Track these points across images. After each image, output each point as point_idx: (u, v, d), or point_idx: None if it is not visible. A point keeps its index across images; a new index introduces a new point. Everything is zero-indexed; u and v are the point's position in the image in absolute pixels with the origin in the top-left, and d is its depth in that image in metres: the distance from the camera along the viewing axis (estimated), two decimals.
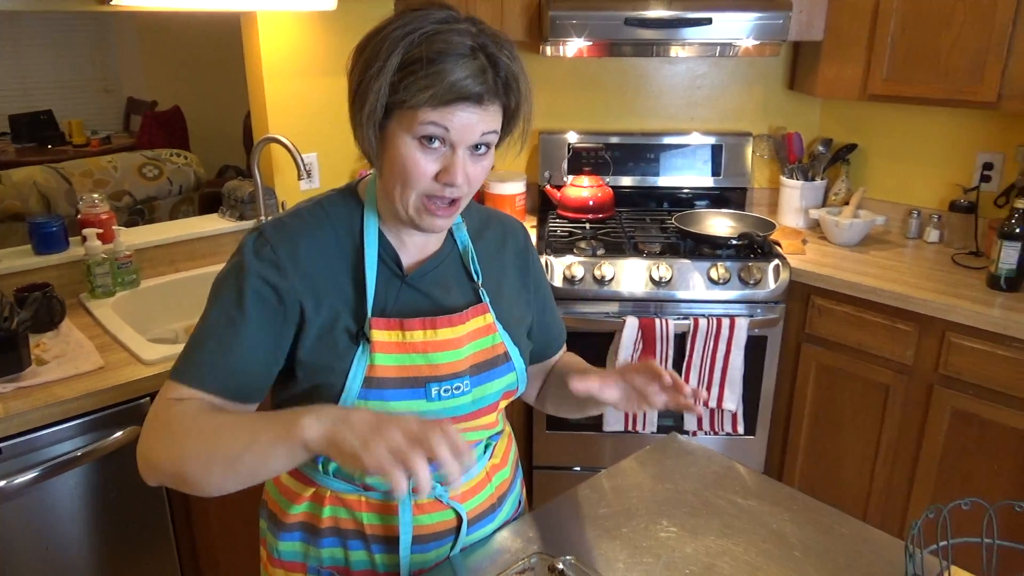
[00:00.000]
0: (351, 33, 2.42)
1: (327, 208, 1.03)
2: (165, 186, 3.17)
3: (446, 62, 0.86)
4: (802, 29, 2.45)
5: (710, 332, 2.28)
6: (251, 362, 0.96)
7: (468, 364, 1.03)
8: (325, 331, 0.98)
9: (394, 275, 1.02)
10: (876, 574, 1.05)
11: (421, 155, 0.91)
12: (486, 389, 1.04)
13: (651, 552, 1.10)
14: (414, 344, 0.99)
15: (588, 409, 1.20)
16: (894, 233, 2.70)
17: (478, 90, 0.88)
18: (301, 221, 1.01)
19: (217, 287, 1.00)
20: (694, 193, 2.87)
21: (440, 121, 0.88)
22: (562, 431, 2.49)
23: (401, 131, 0.90)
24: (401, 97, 0.88)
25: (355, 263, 1.00)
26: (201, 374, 0.95)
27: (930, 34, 2.22)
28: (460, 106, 0.88)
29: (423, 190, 0.93)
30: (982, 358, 2.01)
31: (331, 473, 1.05)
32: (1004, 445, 2.02)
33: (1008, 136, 2.42)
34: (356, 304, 0.99)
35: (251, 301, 0.95)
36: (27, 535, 1.58)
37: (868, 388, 2.27)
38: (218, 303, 0.98)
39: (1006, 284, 2.12)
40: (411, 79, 0.87)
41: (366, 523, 1.05)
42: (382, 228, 1.02)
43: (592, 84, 2.85)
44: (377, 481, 1.03)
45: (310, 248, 0.99)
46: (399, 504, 1.04)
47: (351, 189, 1.06)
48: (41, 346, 1.75)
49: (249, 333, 0.95)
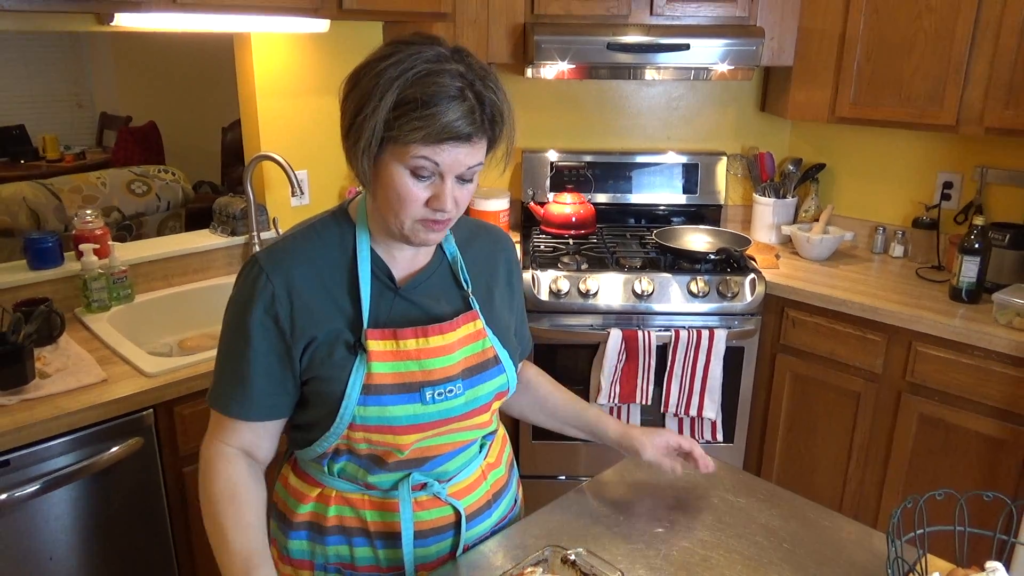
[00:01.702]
0: (342, 55, 2.53)
1: (319, 230, 1.09)
2: (154, 202, 3.20)
3: (438, 104, 0.93)
4: (774, 55, 2.58)
5: (690, 343, 2.37)
6: (270, 387, 1.06)
7: (460, 368, 1.09)
8: (325, 345, 1.05)
9: (387, 288, 1.09)
10: (859, 561, 1.14)
11: (413, 185, 0.98)
12: (478, 391, 1.11)
13: (651, 546, 1.17)
14: (408, 352, 1.06)
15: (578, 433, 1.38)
16: (861, 248, 2.83)
17: (468, 131, 0.95)
18: (295, 246, 1.08)
19: (227, 319, 1.08)
20: (670, 210, 2.98)
21: (431, 156, 0.96)
22: (548, 440, 2.56)
23: (394, 162, 0.97)
24: (395, 134, 0.95)
25: (349, 279, 1.07)
26: (228, 404, 1.08)
27: (894, 61, 2.36)
28: (450, 144, 0.95)
29: (416, 216, 1.00)
30: (946, 366, 2.13)
31: (336, 474, 1.11)
32: (968, 447, 2.14)
33: (966, 157, 2.57)
34: (352, 317, 1.06)
35: (256, 334, 1.04)
36: (32, 545, 1.60)
37: (840, 396, 2.38)
38: (230, 336, 1.07)
39: (967, 296, 2.25)
40: (405, 119, 0.94)
41: (369, 520, 1.11)
42: (373, 245, 1.09)
43: (573, 105, 2.95)
44: (380, 479, 1.10)
45: (305, 272, 1.05)
46: (400, 501, 1.10)
47: (342, 210, 1.13)
48: (42, 360, 1.78)
49: (260, 363, 1.05)
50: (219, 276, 2.40)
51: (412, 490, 1.11)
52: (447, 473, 1.14)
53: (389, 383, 1.04)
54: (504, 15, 2.50)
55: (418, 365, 1.06)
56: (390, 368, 1.05)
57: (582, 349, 2.44)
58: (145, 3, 1.75)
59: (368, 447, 1.06)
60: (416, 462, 1.10)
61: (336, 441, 1.06)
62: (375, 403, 1.04)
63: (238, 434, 1.08)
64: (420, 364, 1.06)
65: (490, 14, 2.49)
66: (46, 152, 5.42)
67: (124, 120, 6.04)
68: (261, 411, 1.07)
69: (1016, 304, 2.07)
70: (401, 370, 1.05)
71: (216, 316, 2.24)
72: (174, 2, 1.78)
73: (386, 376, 1.04)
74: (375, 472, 1.10)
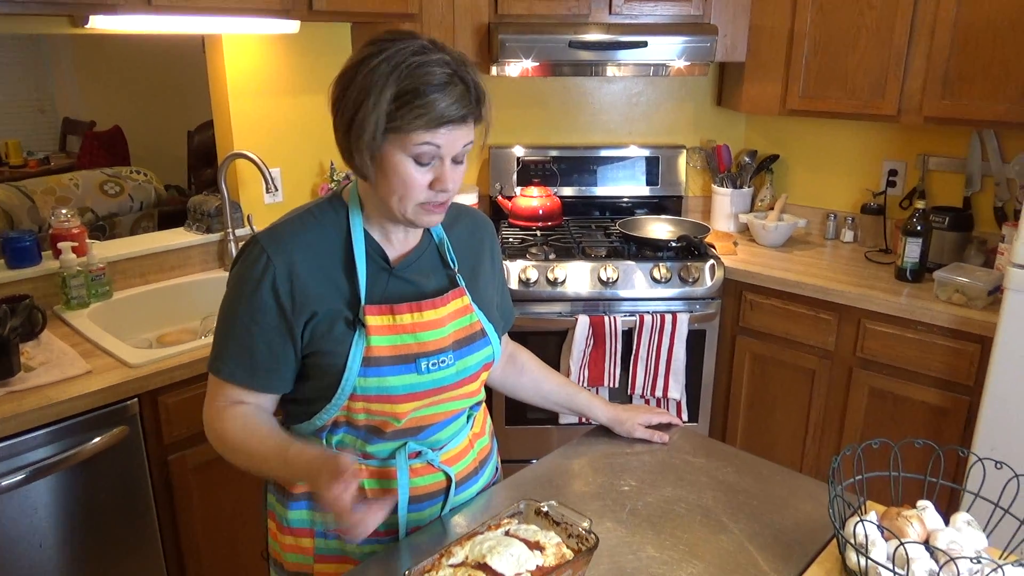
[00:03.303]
0: (312, 55, 2.60)
1: (316, 214, 1.17)
2: (127, 202, 3.22)
3: (434, 92, 1.02)
4: (727, 51, 2.71)
5: (654, 327, 2.48)
6: (267, 360, 1.13)
7: (451, 340, 1.18)
8: (325, 321, 1.12)
9: (381, 268, 1.17)
10: (806, 508, 1.25)
11: (416, 171, 1.07)
12: (467, 362, 1.20)
13: (617, 502, 1.27)
14: (404, 325, 1.14)
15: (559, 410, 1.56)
16: (814, 234, 2.97)
17: (463, 112, 1.05)
18: (293, 227, 1.15)
19: (230, 292, 1.15)
20: (633, 202, 3.09)
21: (432, 140, 1.05)
22: (520, 426, 2.65)
23: (396, 151, 1.06)
24: (397, 124, 1.03)
25: (346, 259, 1.15)
26: (232, 372, 1.14)
27: (838, 56, 2.50)
28: (448, 127, 1.05)
29: (419, 199, 1.09)
30: (893, 341, 2.27)
31: (334, 446, 1.19)
32: (915, 416, 2.28)
33: (909, 145, 2.72)
34: (350, 295, 1.14)
35: (259, 309, 1.11)
36: (22, 532, 1.65)
37: (796, 373, 2.51)
38: (233, 310, 1.13)
39: (911, 276, 2.40)
40: (405, 109, 1.02)
41: (367, 488, 1.19)
42: (367, 228, 1.17)
43: (537, 102, 3.05)
44: (377, 449, 1.18)
45: (303, 251, 1.13)
46: (397, 469, 1.18)
47: (337, 196, 1.20)
48: (26, 354, 1.82)
49: (263, 337, 1.12)
50: (195, 273, 2.45)
51: (408, 458, 1.20)
52: (440, 441, 1.23)
53: (387, 355, 1.13)
54: (469, 15, 2.59)
55: (413, 338, 1.14)
56: (388, 341, 1.13)
57: (551, 336, 2.53)
58: (120, 5, 1.80)
59: (367, 417, 1.14)
60: (412, 431, 1.18)
61: (336, 413, 1.14)
62: (375, 374, 1.12)
63: (239, 397, 1.15)
64: (415, 337, 1.14)
65: (456, 14, 2.57)
66: (9, 158, 5.37)
67: (88, 125, 6.00)
68: (264, 382, 1.14)
69: (955, 281, 2.21)
70: (397, 343, 1.13)
71: (193, 312, 2.32)
72: (149, 4, 1.84)
73: (384, 349, 1.12)
74: (373, 442, 1.18)
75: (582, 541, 1.03)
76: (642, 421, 1.46)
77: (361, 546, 1.20)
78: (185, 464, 1.89)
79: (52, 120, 6.43)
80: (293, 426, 1.22)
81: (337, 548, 1.22)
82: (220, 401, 1.15)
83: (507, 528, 1.04)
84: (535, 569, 0.96)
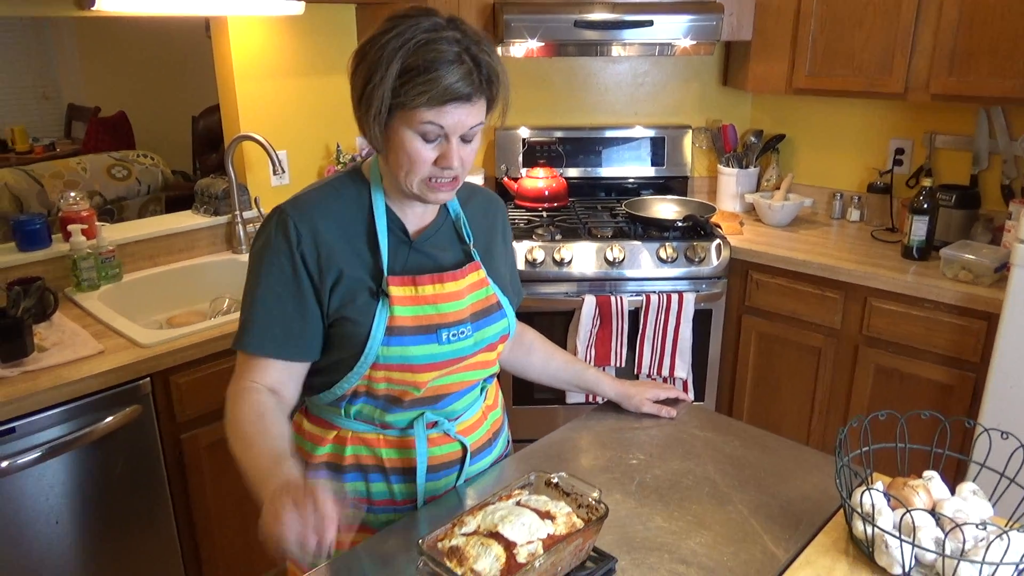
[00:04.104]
0: (318, 36, 2.60)
1: (338, 187, 1.19)
2: (134, 186, 3.24)
3: (439, 69, 1.03)
4: (733, 30, 2.70)
5: (661, 307, 2.49)
6: (299, 327, 1.14)
7: (469, 312, 1.20)
8: (349, 291, 1.14)
9: (401, 241, 1.19)
10: (812, 480, 1.26)
11: (421, 147, 1.08)
12: (484, 333, 1.22)
13: (626, 475, 1.28)
14: (425, 297, 1.16)
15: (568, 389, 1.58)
16: (820, 214, 2.97)
17: (468, 91, 1.05)
18: (317, 198, 1.17)
19: (254, 264, 1.15)
20: (639, 182, 3.09)
21: (436, 120, 1.05)
22: (526, 405, 2.67)
23: (403, 127, 1.07)
24: (402, 100, 1.04)
25: (368, 232, 1.16)
26: (262, 344, 1.14)
27: (845, 33, 2.48)
28: (453, 105, 1.05)
29: (425, 175, 1.10)
30: (899, 319, 2.28)
31: (352, 416, 1.21)
32: (920, 394, 2.28)
33: (916, 124, 2.71)
34: (372, 266, 1.16)
35: (287, 276, 1.12)
36: (38, 509, 1.68)
37: (802, 352, 2.52)
38: (258, 280, 1.14)
39: (918, 253, 2.40)
40: (410, 85, 1.03)
41: (385, 457, 1.21)
42: (387, 202, 1.19)
43: (542, 82, 3.04)
44: (396, 418, 1.20)
45: (327, 221, 1.14)
46: (415, 438, 1.20)
47: (356, 170, 1.22)
48: (38, 335, 1.84)
49: (291, 303, 1.13)
50: (203, 255, 2.46)
51: (426, 427, 1.21)
52: (455, 412, 1.25)
53: (410, 325, 1.14)
54: None
55: (434, 309, 1.16)
56: (410, 312, 1.14)
57: (558, 316, 2.54)
58: None
59: (387, 387, 1.16)
60: (429, 400, 1.20)
61: (357, 382, 1.16)
62: (398, 343, 1.13)
63: (267, 372, 1.15)
64: (436, 308, 1.16)
65: None
66: (15, 144, 5.38)
67: (92, 111, 6.00)
68: (294, 350, 1.15)
69: (962, 259, 2.21)
70: (419, 313, 1.15)
71: (202, 294, 2.34)
72: None
73: (407, 319, 1.14)
74: (392, 411, 1.19)
75: (592, 511, 1.04)
76: (650, 396, 1.47)
77: (379, 516, 1.23)
78: (198, 443, 1.91)
79: (57, 106, 6.44)
80: (309, 399, 1.24)
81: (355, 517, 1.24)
82: (246, 380, 1.15)
83: (518, 499, 1.06)
84: (546, 537, 0.98)
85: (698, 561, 1.07)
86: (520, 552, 0.94)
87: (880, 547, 1.01)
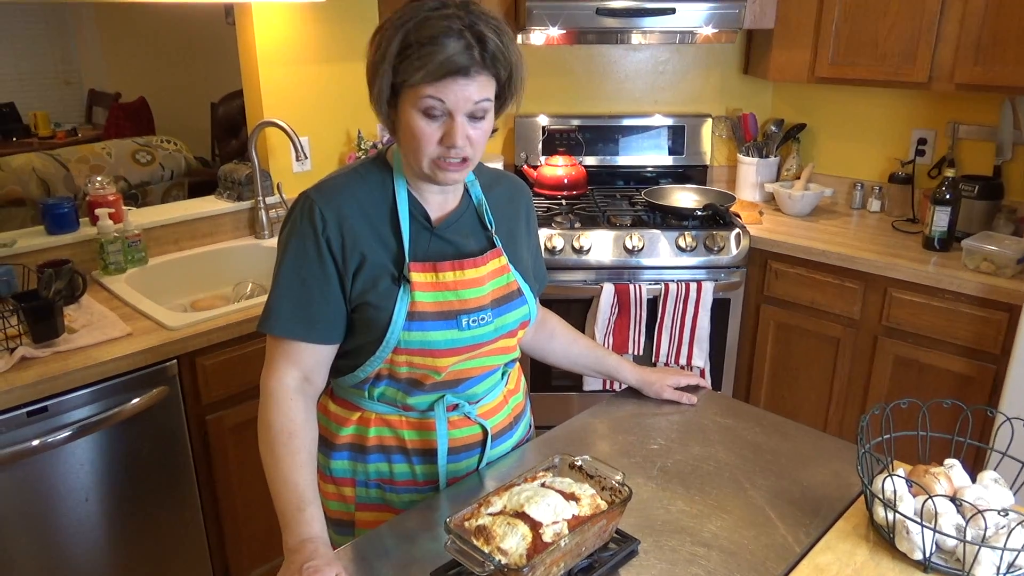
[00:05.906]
0: (341, 23, 2.61)
1: (363, 173, 1.20)
2: (158, 171, 3.28)
3: (436, 43, 1.03)
4: (755, 18, 2.68)
5: (679, 296, 2.50)
6: (324, 310, 1.15)
7: (490, 299, 1.21)
8: (372, 272, 1.15)
9: (423, 228, 1.20)
10: (832, 467, 1.28)
11: (425, 125, 1.08)
12: (505, 319, 1.23)
13: (647, 460, 1.30)
14: (446, 283, 1.17)
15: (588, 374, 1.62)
16: (840, 204, 2.96)
17: (465, 63, 1.04)
18: (342, 183, 1.18)
19: (282, 250, 1.17)
20: (658, 171, 3.09)
21: (436, 94, 1.06)
22: (544, 392, 2.69)
23: (408, 106, 1.08)
24: (402, 77, 1.06)
25: (391, 218, 1.18)
26: (289, 327, 1.15)
27: (869, 21, 2.47)
28: (452, 79, 1.05)
29: (432, 154, 1.10)
30: (919, 310, 2.27)
31: (376, 398, 1.23)
32: (940, 384, 2.28)
33: (939, 114, 2.69)
34: (395, 252, 1.17)
35: (313, 260, 1.14)
36: (69, 486, 1.72)
37: (821, 342, 2.52)
38: (286, 265, 1.16)
39: (939, 244, 2.39)
40: (407, 61, 1.05)
41: (407, 439, 1.23)
42: (409, 188, 1.20)
43: (562, 70, 3.04)
44: (417, 401, 1.22)
45: (351, 207, 1.16)
46: (436, 420, 1.22)
47: (380, 157, 1.23)
48: (68, 317, 1.88)
49: (319, 287, 1.14)
50: (227, 240, 2.50)
51: (446, 410, 1.23)
52: (476, 395, 1.27)
53: (431, 311, 1.16)
54: None
55: (455, 295, 1.17)
56: (431, 297, 1.16)
57: (576, 303, 2.56)
58: None
59: (408, 370, 1.18)
60: (450, 384, 1.22)
61: (379, 365, 1.18)
62: (419, 328, 1.15)
63: (299, 357, 1.16)
64: (457, 294, 1.18)
65: None
66: (38, 129, 5.45)
67: (113, 97, 6.05)
68: (322, 333, 1.16)
69: (984, 250, 2.20)
70: (440, 299, 1.17)
71: (225, 278, 2.37)
72: None
73: (428, 305, 1.16)
74: (413, 394, 1.22)
75: (615, 493, 1.06)
76: (670, 383, 1.48)
77: (401, 496, 1.25)
78: (222, 424, 1.95)
79: (78, 92, 6.50)
80: (335, 381, 1.26)
81: (378, 497, 1.27)
82: (279, 369, 1.16)
83: (543, 480, 1.08)
84: (571, 518, 0.99)
85: (719, 544, 1.09)
86: (546, 532, 0.96)
87: (901, 533, 1.02)
